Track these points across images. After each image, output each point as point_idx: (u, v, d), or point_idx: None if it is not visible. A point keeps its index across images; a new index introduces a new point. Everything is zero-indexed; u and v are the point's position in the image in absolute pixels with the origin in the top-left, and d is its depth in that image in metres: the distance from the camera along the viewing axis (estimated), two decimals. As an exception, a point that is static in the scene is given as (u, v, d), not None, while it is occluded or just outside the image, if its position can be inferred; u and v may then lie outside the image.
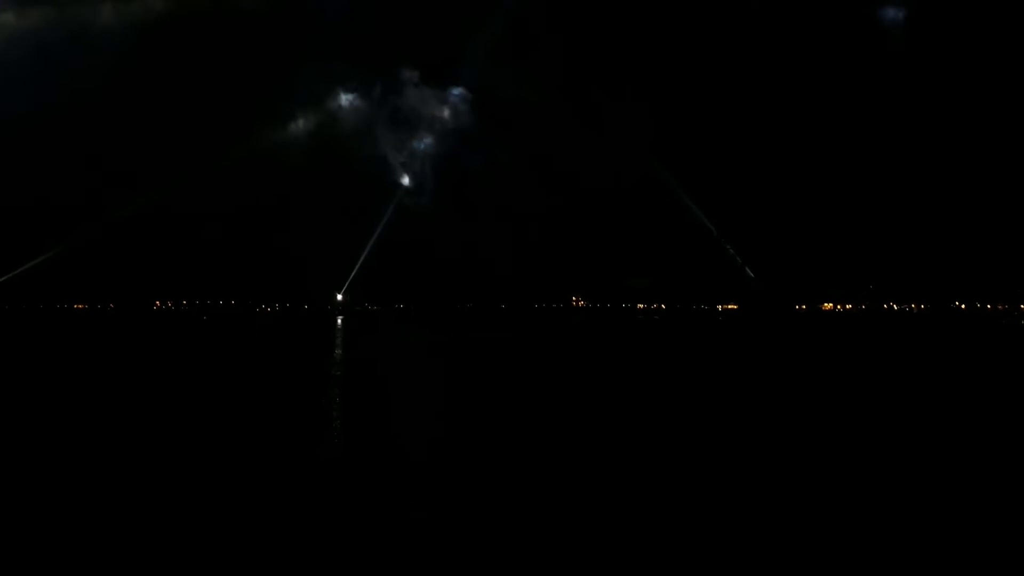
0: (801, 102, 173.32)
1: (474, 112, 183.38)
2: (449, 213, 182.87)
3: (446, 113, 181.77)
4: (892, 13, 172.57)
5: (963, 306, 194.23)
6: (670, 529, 15.42)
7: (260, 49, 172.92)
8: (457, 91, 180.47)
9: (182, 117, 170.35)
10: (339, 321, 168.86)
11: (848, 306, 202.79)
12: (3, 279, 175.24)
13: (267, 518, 15.96)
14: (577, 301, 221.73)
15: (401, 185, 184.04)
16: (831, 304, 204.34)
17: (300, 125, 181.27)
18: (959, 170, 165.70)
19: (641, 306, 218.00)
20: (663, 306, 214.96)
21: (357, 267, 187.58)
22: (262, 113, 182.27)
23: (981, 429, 26.98)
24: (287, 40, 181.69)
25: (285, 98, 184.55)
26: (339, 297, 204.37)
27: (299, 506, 16.87)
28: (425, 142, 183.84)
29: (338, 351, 70.63)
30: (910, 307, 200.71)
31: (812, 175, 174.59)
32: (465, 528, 15.47)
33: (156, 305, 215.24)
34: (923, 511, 16.53)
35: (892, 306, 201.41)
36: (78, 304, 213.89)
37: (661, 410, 32.47)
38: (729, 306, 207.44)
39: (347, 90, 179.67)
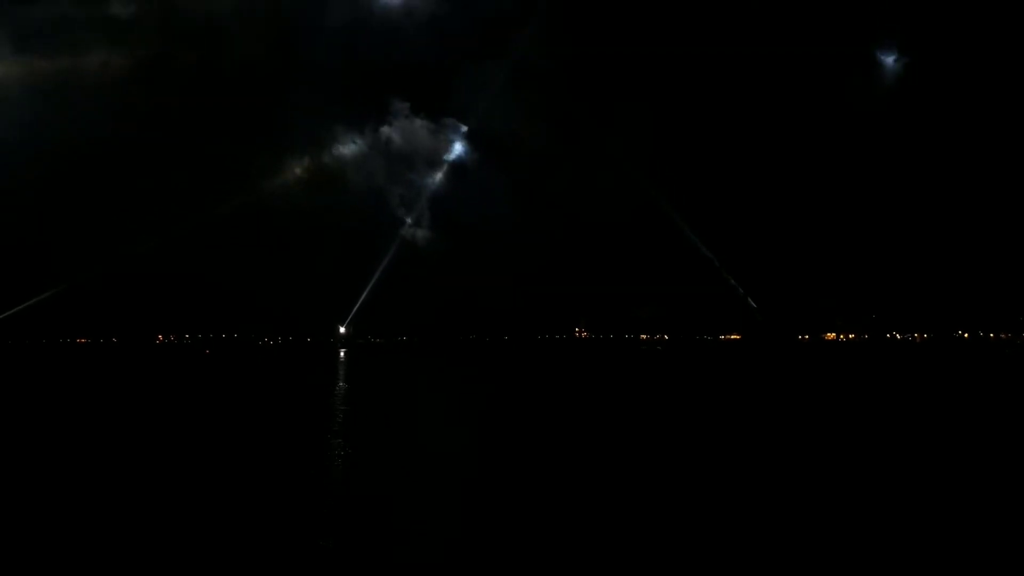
0: (801, 134, 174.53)
1: (470, 142, 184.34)
2: (450, 244, 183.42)
3: (442, 144, 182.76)
4: (893, 48, 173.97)
5: (966, 335, 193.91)
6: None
7: (253, 88, 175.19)
8: (450, 121, 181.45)
9: (178, 158, 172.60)
10: (342, 354, 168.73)
11: (851, 336, 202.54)
12: (6, 315, 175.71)
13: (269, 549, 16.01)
14: (580, 332, 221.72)
15: (402, 217, 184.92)
16: (834, 334, 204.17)
17: (297, 161, 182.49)
18: (961, 200, 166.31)
19: (644, 336, 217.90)
20: (666, 336, 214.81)
21: (360, 300, 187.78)
22: (259, 151, 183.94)
23: (976, 459, 27.01)
24: (280, 77, 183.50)
25: (281, 134, 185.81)
26: (342, 330, 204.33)
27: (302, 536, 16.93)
28: (423, 174, 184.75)
29: (340, 383, 70.63)
30: (913, 336, 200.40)
31: (814, 205, 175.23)
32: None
33: (159, 339, 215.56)
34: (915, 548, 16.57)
35: (895, 335, 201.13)
36: (81, 339, 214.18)
37: (657, 448, 32.48)
38: (732, 336, 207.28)
39: (343, 124, 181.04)
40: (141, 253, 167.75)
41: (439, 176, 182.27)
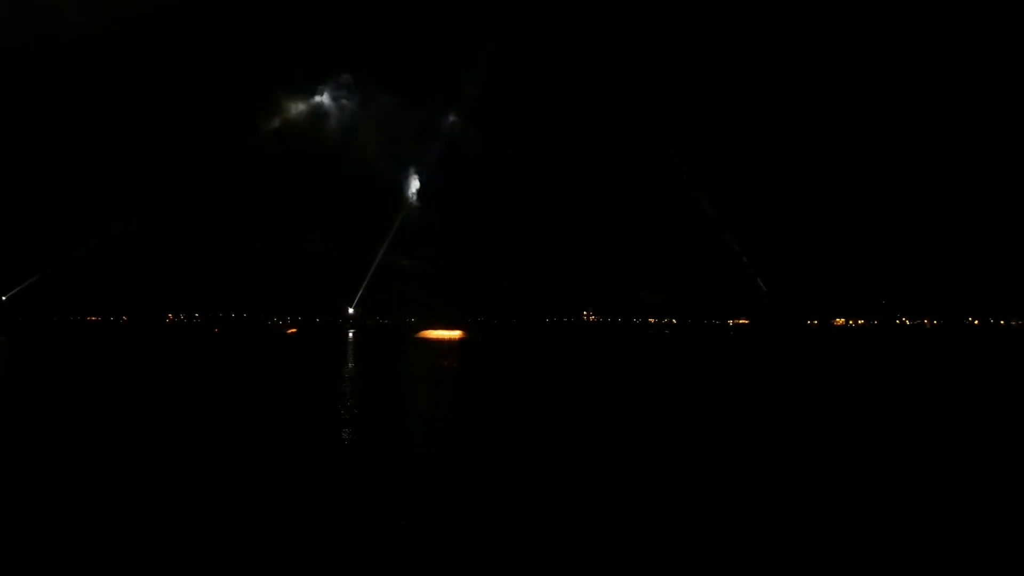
0: (814, 118, 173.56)
1: (469, 129, 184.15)
2: (457, 226, 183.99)
3: (440, 127, 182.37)
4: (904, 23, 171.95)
5: (976, 322, 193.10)
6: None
7: (243, 41, 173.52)
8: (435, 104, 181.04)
9: (171, 130, 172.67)
10: (351, 335, 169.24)
11: (860, 321, 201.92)
12: (16, 290, 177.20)
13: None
14: (589, 315, 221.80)
15: (406, 198, 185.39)
16: (843, 319, 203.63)
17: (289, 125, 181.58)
18: (973, 186, 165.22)
19: (652, 320, 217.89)
20: (674, 320, 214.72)
21: (366, 280, 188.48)
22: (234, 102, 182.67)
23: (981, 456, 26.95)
24: (269, 40, 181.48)
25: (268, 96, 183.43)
26: (351, 311, 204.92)
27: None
28: (424, 156, 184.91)
29: (350, 364, 70.94)
30: (923, 322, 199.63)
31: (826, 191, 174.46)
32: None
33: (169, 318, 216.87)
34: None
35: (905, 321, 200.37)
36: (91, 316, 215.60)
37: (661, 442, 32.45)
38: (740, 321, 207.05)
39: (333, 94, 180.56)
40: (146, 231, 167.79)
41: (440, 156, 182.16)
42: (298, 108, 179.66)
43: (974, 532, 15.77)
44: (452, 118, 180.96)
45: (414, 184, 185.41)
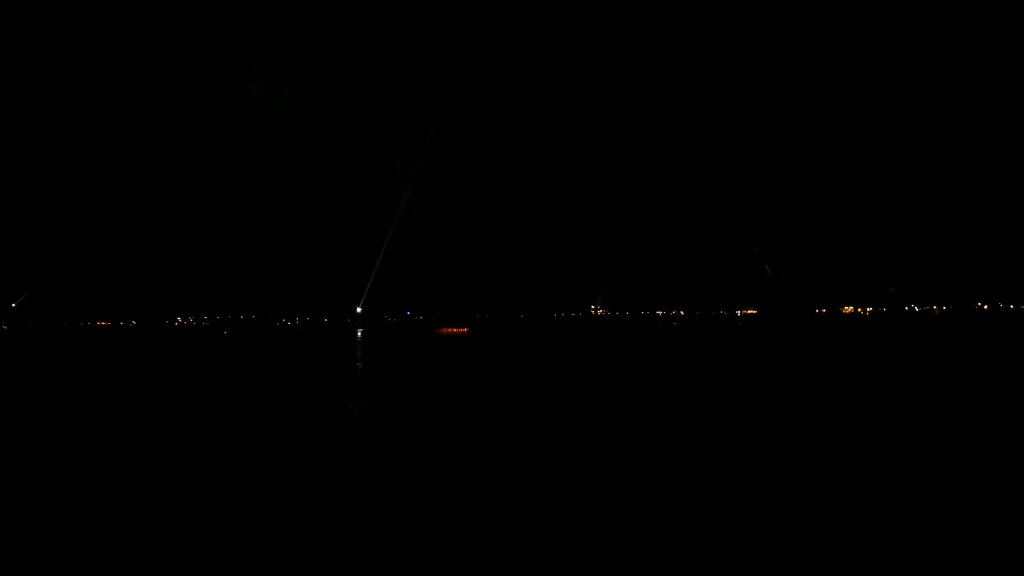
0: (824, 108, 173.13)
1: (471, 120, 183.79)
2: (464, 221, 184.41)
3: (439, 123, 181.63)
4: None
5: (986, 307, 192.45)
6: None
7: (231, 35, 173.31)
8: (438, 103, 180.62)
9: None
10: (359, 334, 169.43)
11: (869, 309, 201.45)
12: (24, 296, 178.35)
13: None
14: (596, 309, 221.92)
15: (408, 193, 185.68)
16: (851, 307, 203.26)
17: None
18: (981, 173, 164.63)
19: (660, 313, 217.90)
20: (682, 312, 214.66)
21: (372, 278, 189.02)
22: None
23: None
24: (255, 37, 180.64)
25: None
26: (358, 310, 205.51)
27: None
28: (427, 149, 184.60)
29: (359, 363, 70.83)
30: (932, 309, 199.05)
31: (833, 180, 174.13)
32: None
33: (178, 321, 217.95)
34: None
35: (914, 308, 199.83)
36: (100, 321, 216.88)
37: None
38: (749, 311, 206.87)
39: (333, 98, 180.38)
40: (153, 231, 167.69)
41: (444, 150, 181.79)
42: (285, 106, 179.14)
43: (975, 530, 15.67)
44: (451, 114, 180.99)
45: (414, 182, 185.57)
